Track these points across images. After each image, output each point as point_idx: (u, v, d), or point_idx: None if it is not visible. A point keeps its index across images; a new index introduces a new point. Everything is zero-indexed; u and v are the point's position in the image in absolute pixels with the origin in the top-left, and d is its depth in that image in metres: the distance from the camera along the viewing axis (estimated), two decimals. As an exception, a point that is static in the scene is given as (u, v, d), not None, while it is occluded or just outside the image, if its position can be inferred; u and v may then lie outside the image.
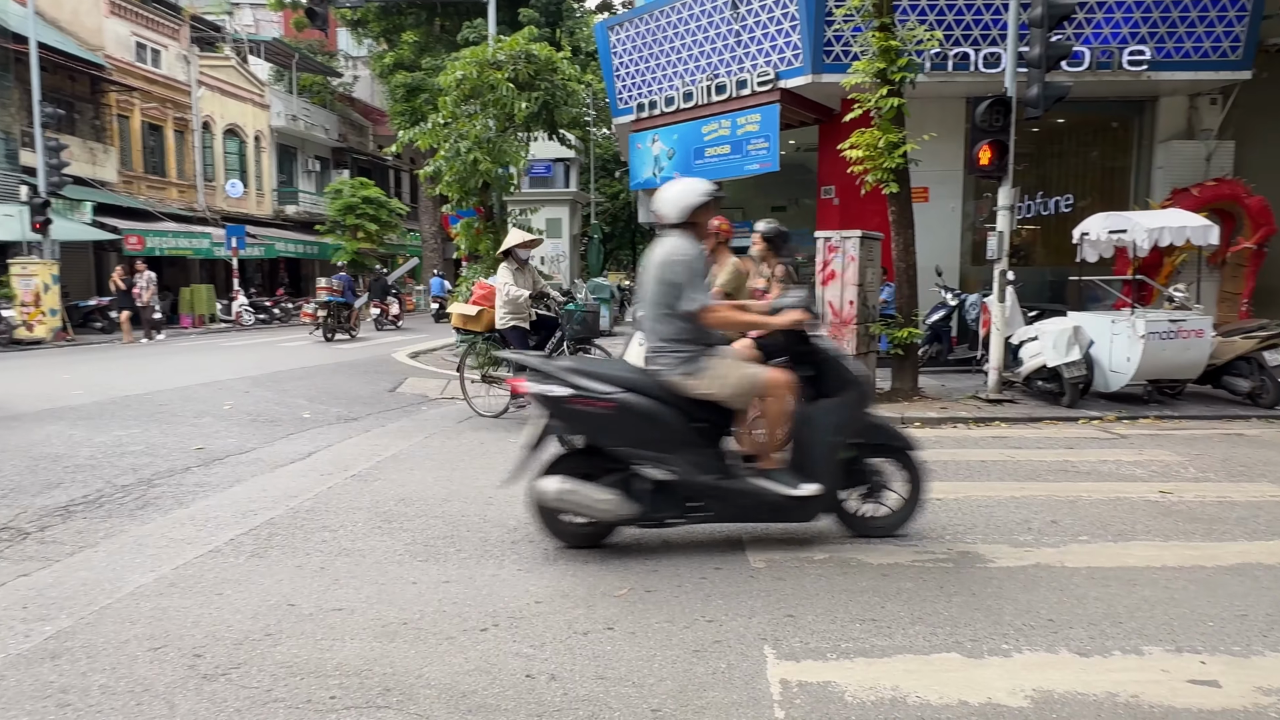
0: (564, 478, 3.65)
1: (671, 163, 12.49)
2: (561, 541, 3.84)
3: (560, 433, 3.79)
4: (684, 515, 3.76)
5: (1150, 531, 4.12)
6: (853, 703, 2.47)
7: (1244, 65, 10.48)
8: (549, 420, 3.73)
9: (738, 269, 5.73)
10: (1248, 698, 2.51)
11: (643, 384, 3.71)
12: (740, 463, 3.88)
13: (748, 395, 3.74)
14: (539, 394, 3.68)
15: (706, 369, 3.68)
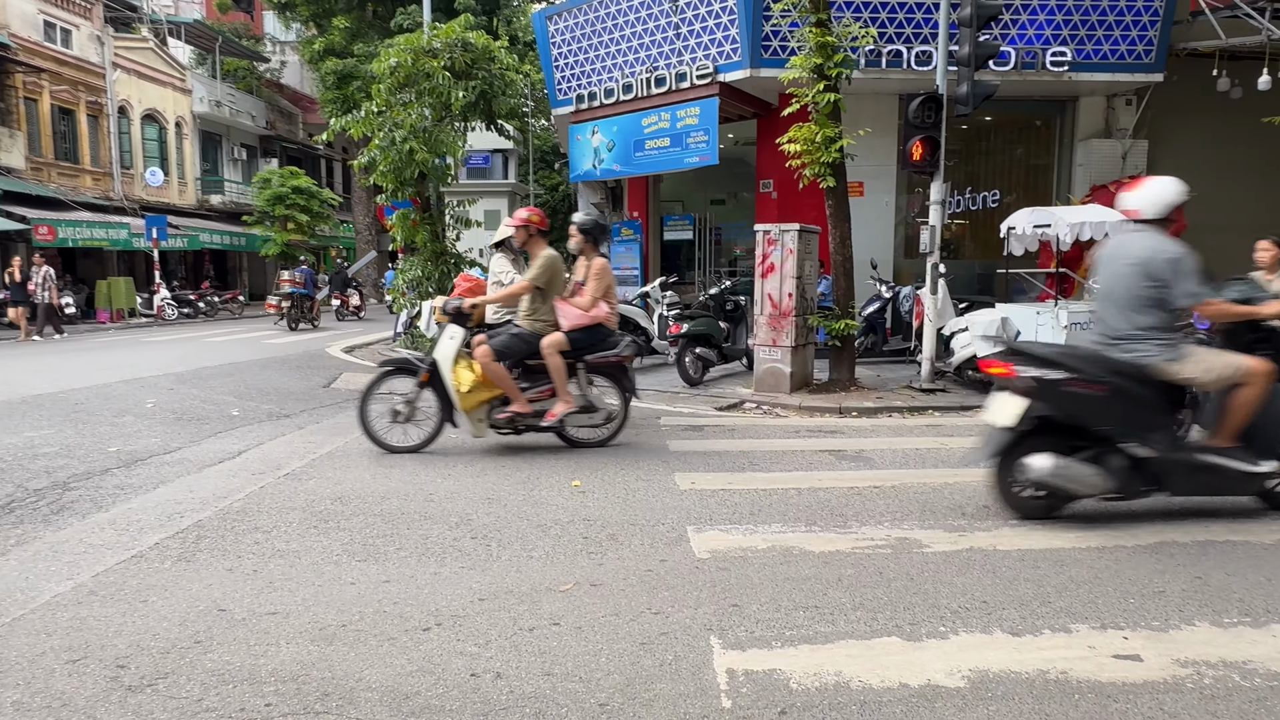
0: (1054, 456, 3.90)
1: (612, 155, 12.45)
2: (1017, 514, 4.13)
3: (1045, 414, 4.00)
4: (1148, 490, 4.04)
5: (1075, 515, 4.28)
6: (797, 689, 2.51)
7: (1156, 68, 10.99)
8: (1032, 401, 3.96)
9: (551, 261, 5.68)
10: (1167, 670, 2.63)
11: (1118, 367, 3.97)
12: (1193, 440, 4.26)
13: (1228, 381, 4.01)
14: (1035, 377, 3.93)
15: (1189, 356, 3.95)
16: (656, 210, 14.68)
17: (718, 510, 4.36)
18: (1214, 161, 12.22)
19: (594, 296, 5.70)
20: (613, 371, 5.85)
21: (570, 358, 5.66)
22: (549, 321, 5.71)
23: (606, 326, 5.81)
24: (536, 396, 5.71)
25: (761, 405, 7.87)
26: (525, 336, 5.65)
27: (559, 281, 5.80)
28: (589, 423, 5.86)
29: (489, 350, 5.46)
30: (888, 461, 5.54)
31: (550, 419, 5.63)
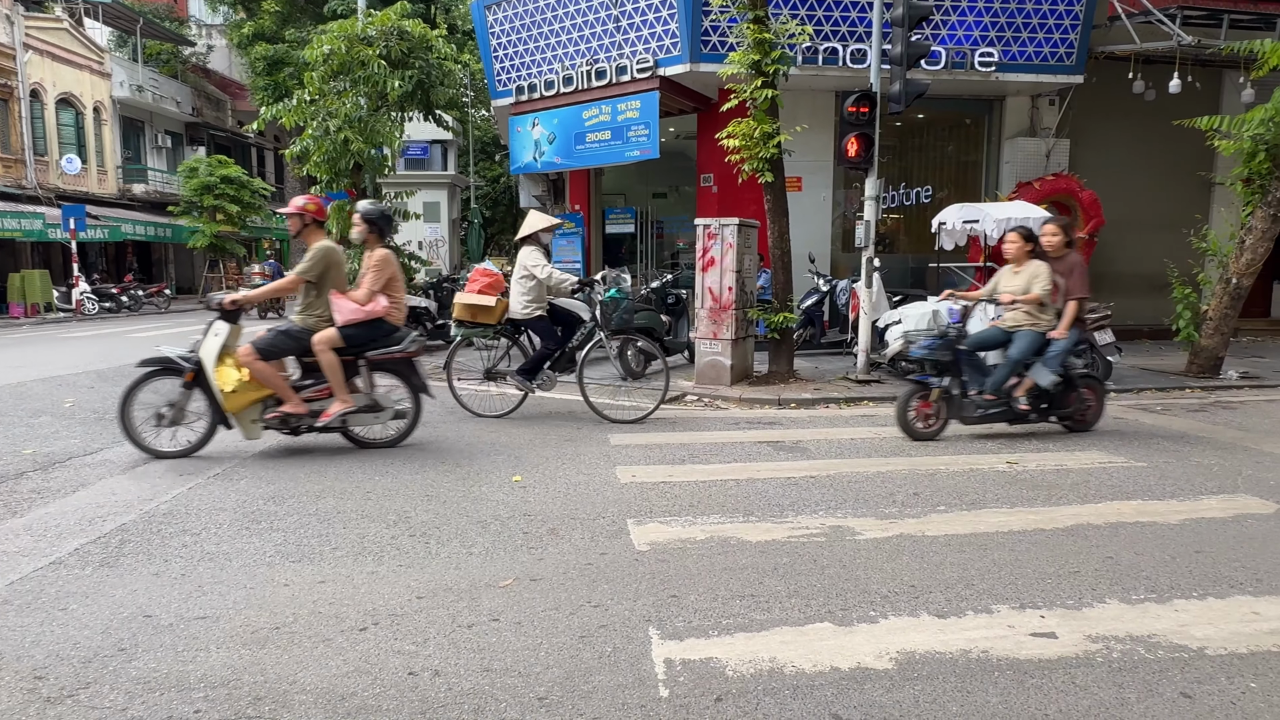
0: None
1: (552, 147, 12.38)
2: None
3: None
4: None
5: (999, 499, 4.48)
6: (733, 676, 2.57)
7: (1077, 70, 11.45)
8: None
9: (324, 253, 5.42)
10: (1080, 645, 2.78)
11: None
12: None
13: None
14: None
15: None
16: (598, 203, 14.65)
17: (658, 502, 4.41)
18: (1130, 160, 12.82)
19: (370, 290, 5.46)
20: (399, 369, 5.62)
21: (351, 354, 5.44)
22: (324, 317, 5.44)
23: (388, 322, 5.56)
24: (315, 395, 5.47)
25: (702, 398, 7.96)
26: (295, 333, 5.40)
27: (335, 274, 5.49)
28: (376, 422, 5.63)
29: (251, 349, 5.23)
30: (823, 452, 5.68)
31: (325, 419, 5.39)
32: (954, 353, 5.96)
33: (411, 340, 5.64)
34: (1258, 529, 4.01)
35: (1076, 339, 6.02)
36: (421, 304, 11.28)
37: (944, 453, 5.63)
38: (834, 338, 11.07)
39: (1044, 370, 5.87)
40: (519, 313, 6.80)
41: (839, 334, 11.00)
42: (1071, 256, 6.12)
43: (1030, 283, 5.88)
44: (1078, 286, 5.95)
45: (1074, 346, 6.02)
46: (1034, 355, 5.90)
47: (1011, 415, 6.01)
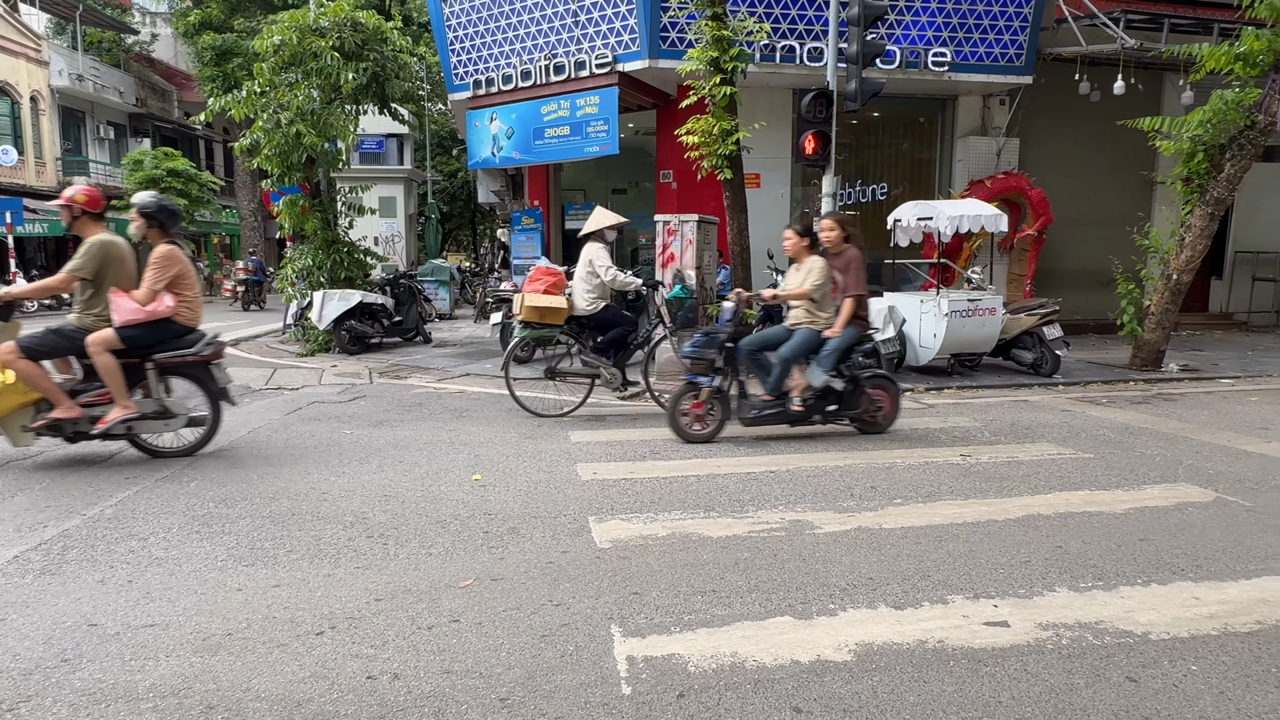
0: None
1: (511, 142, 12.27)
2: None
3: None
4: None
5: (953, 491, 4.58)
6: (695, 672, 2.58)
7: (1026, 71, 11.72)
8: None
9: (99, 248, 5.04)
10: (1031, 633, 2.86)
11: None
12: None
13: None
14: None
15: None
16: (558, 199, 14.57)
17: (619, 500, 4.41)
18: (1077, 159, 13.17)
19: (152, 289, 5.07)
20: (194, 373, 5.25)
21: (135, 357, 5.08)
22: (103, 316, 5.05)
23: (177, 323, 5.17)
24: (96, 400, 5.08)
25: (663, 394, 7.96)
26: (68, 332, 5.02)
27: (115, 271, 5.10)
28: (167, 429, 5.25)
29: (14, 347, 4.88)
30: (782, 446, 5.73)
31: (102, 425, 5.01)
32: (723, 351, 5.76)
33: (207, 343, 5.23)
34: (1197, 517, 4.15)
35: (855, 337, 5.80)
36: (378, 301, 11.10)
37: (900, 446, 5.73)
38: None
39: (816, 370, 5.71)
40: (584, 309, 6.70)
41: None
42: (849, 252, 5.85)
43: (805, 279, 5.77)
44: (854, 283, 5.73)
45: (851, 345, 5.82)
46: (810, 354, 5.76)
47: (789, 416, 5.83)
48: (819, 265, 5.76)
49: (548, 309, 6.59)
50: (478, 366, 9.48)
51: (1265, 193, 13.98)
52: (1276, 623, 2.94)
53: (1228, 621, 2.94)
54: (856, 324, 5.80)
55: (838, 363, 5.78)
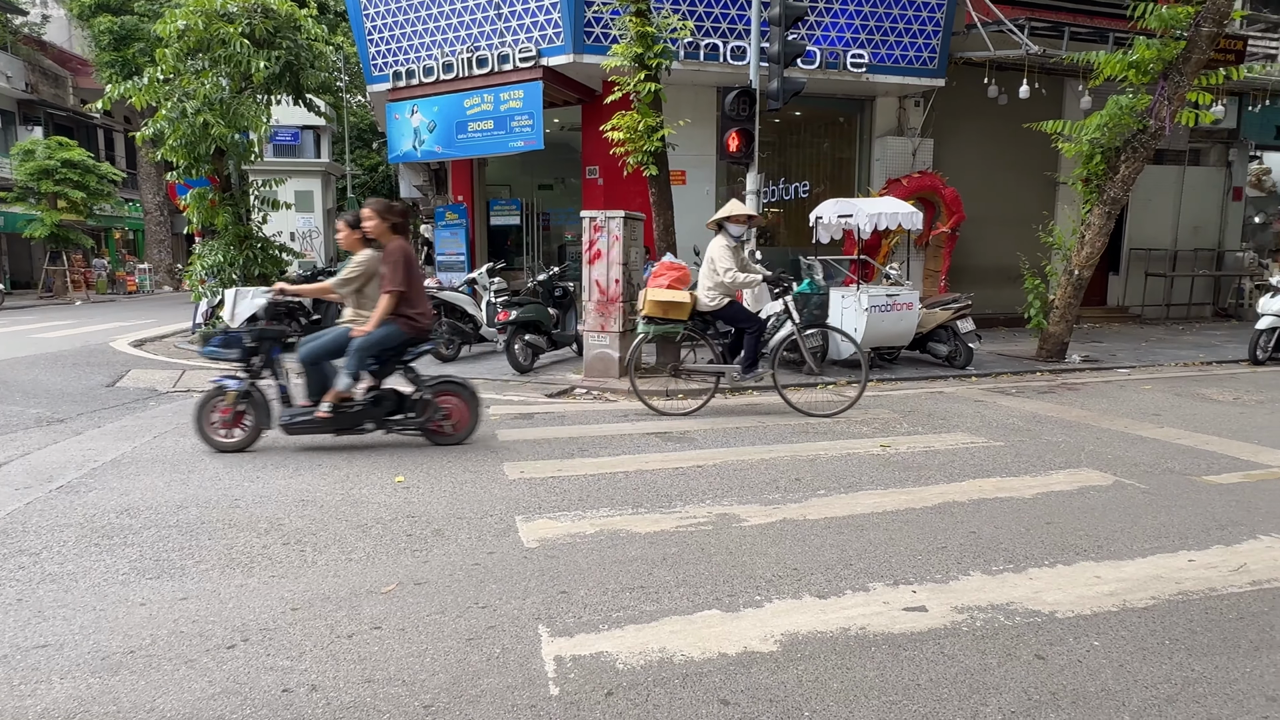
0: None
1: (433, 136, 12.01)
2: None
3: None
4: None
5: (874, 482, 4.70)
6: (624, 669, 2.57)
7: (939, 74, 12.15)
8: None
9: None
10: (947, 617, 2.96)
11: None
12: None
13: None
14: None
15: None
16: (482, 194, 14.34)
17: (547, 498, 4.37)
18: (987, 159, 13.73)
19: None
20: None
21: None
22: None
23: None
24: None
25: (591, 391, 7.95)
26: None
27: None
28: None
29: None
30: (710, 441, 5.79)
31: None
32: (252, 352, 5.29)
33: None
34: (1098, 499, 4.38)
35: (395, 337, 5.28)
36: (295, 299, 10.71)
37: (823, 438, 5.85)
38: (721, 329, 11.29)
39: (340, 374, 5.26)
40: (708, 305, 6.61)
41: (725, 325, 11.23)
42: (391, 244, 5.29)
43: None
44: (389, 278, 5.17)
45: (393, 346, 5.31)
46: (337, 355, 5.32)
47: (320, 424, 5.26)
48: (362, 258, 5.35)
49: (671, 303, 6.55)
50: (401, 365, 9.24)
51: (1156, 193, 14.88)
52: (1169, 597, 3.12)
53: (1126, 598, 3.11)
54: (401, 323, 5.26)
55: (361, 365, 5.24)
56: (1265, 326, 9.79)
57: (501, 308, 8.95)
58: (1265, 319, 9.81)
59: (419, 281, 5.43)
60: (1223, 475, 4.86)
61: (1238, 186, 15.64)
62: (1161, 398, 7.63)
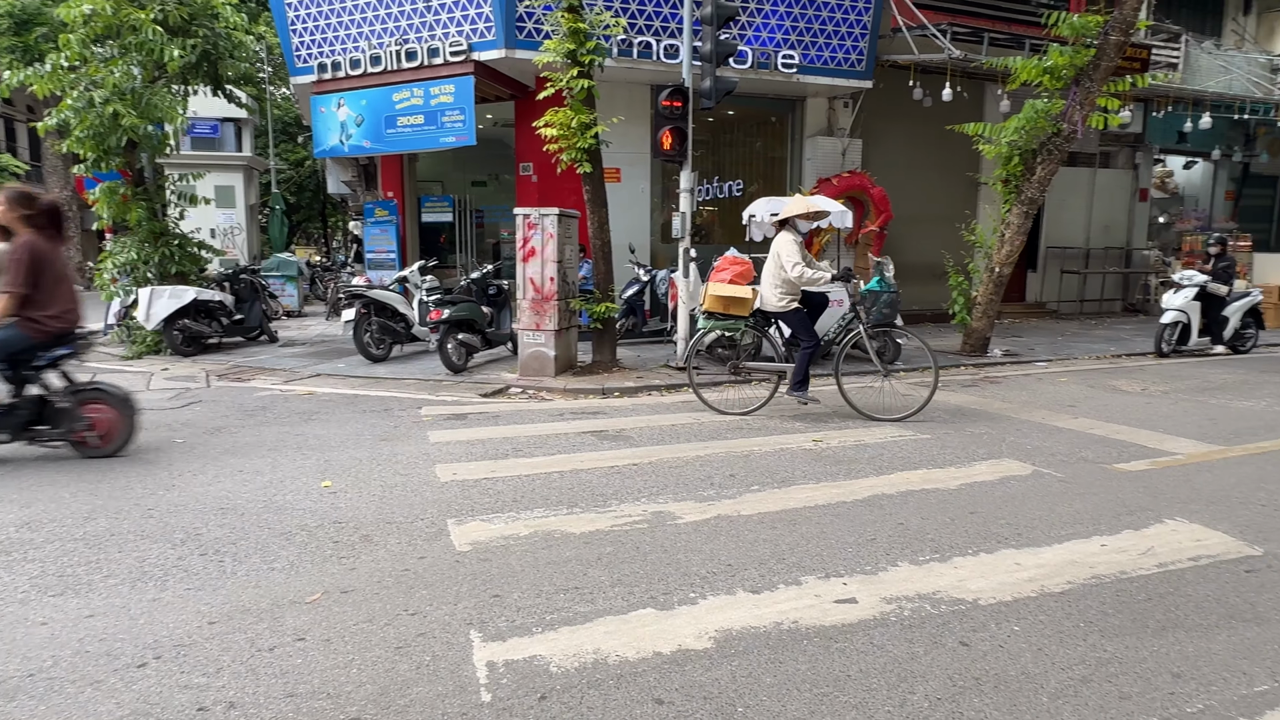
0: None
1: (361, 130, 11.68)
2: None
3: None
4: None
5: (806, 476, 4.78)
6: (557, 672, 2.54)
7: (866, 76, 12.43)
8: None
9: None
10: (877, 607, 3.02)
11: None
12: None
13: None
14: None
15: None
16: (413, 190, 14.02)
17: (480, 500, 4.29)
18: (913, 160, 14.12)
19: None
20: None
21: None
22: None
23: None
24: None
25: (527, 390, 7.87)
26: None
27: None
28: None
29: None
30: (646, 439, 5.79)
31: None
32: None
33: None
34: (1018, 488, 4.55)
35: (18, 343, 4.81)
36: (216, 298, 10.27)
37: (758, 434, 5.92)
38: (655, 326, 11.34)
39: None
40: (773, 305, 6.48)
41: (660, 322, 11.28)
42: (18, 240, 4.78)
43: None
44: (8, 279, 4.71)
45: (15, 353, 4.85)
46: None
47: None
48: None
49: (732, 299, 6.48)
50: (329, 366, 8.98)
51: (1070, 193, 15.55)
52: (1084, 582, 3.25)
53: (1044, 584, 3.23)
54: (24, 326, 4.79)
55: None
56: (1169, 321, 10.33)
57: (434, 306, 8.78)
58: (1169, 314, 10.36)
59: (56, 281, 4.87)
60: (1132, 463, 5.10)
61: (1144, 188, 16.47)
62: (1076, 389, 7.97)
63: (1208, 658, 2.66)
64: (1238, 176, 17.46)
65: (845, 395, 6.68)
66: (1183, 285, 10.46)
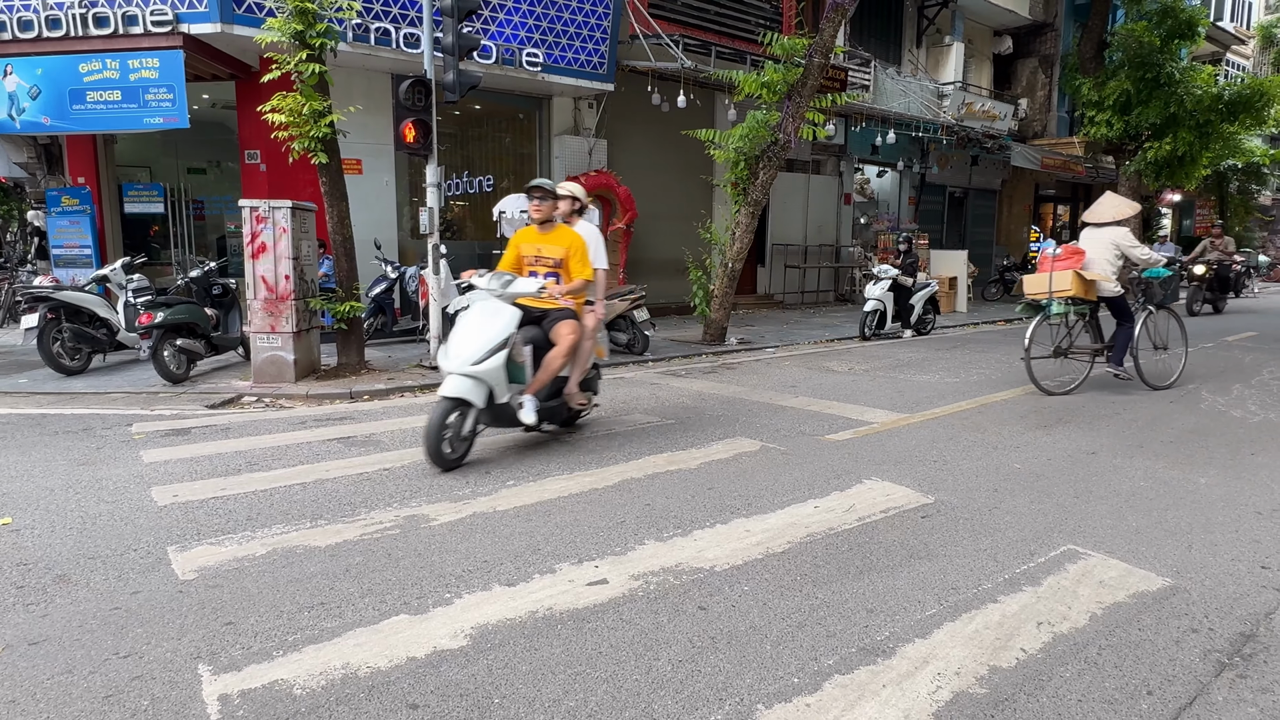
0: None
1: (38, 104, 9.95)
2: None
3: None
4: None
5: (561, 467, 4.91)
6: (302, 694, 2.41)
7: (608, 79, 12.92)
8: None
9: None
10: (626, 585, 3.20)
11: None
12: None
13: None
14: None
15: None
16: (112, 176, 12.21)
17: (208, 522, 3.90)
18: (654, 161, 14.94)
19: None
20: None
21: None
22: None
23: None
24: None
25: (263, 398, 7.24)
26: None
27: None
28: None
29: None
30: (398, 442, 5.59)
31: None
32: None
33: None
34: (749, 463, 5.04)
35: None
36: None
37: (516, 429, 5.96)
38: (407, 325, 10.95)
39: None
40: (1110, 290, 7.14)
41: (411, 321, 10.91)
42: None
43: None
44: None
45: None
46: None
47: None
48: None
49: (1091, 284, 7.09)
50: (7, 383, 7.58)
51: (789, 197, 17.36)
52: (800, 540, 3.70)
53: (769, 546, 3.63)
54: None
55: None
56: (870, 309, 11.96)
57: (144, 309, 7.74)
58: (870, 303, 11.99)
59: None
60: (839, 434, 5.86)
61: (847, 193, 18.85)
62: (798, 372, 8.96)
63: (893, 593, 3.16)
64: (917, 185, 20.57)
65: (1144, 379, 7.45)
66: (879, 278, 12.15)
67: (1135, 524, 3.96)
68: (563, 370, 5.32)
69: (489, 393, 4.87)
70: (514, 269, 5.58)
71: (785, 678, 2.54)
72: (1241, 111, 16.38)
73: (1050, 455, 5.26)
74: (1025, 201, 23.62)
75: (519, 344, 5.10)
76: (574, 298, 5.41)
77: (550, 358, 5.18)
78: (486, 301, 5.06)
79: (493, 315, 4.97)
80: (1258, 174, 23.18)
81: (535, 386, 5.15)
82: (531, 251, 5.56)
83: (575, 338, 5.26)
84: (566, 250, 5.45)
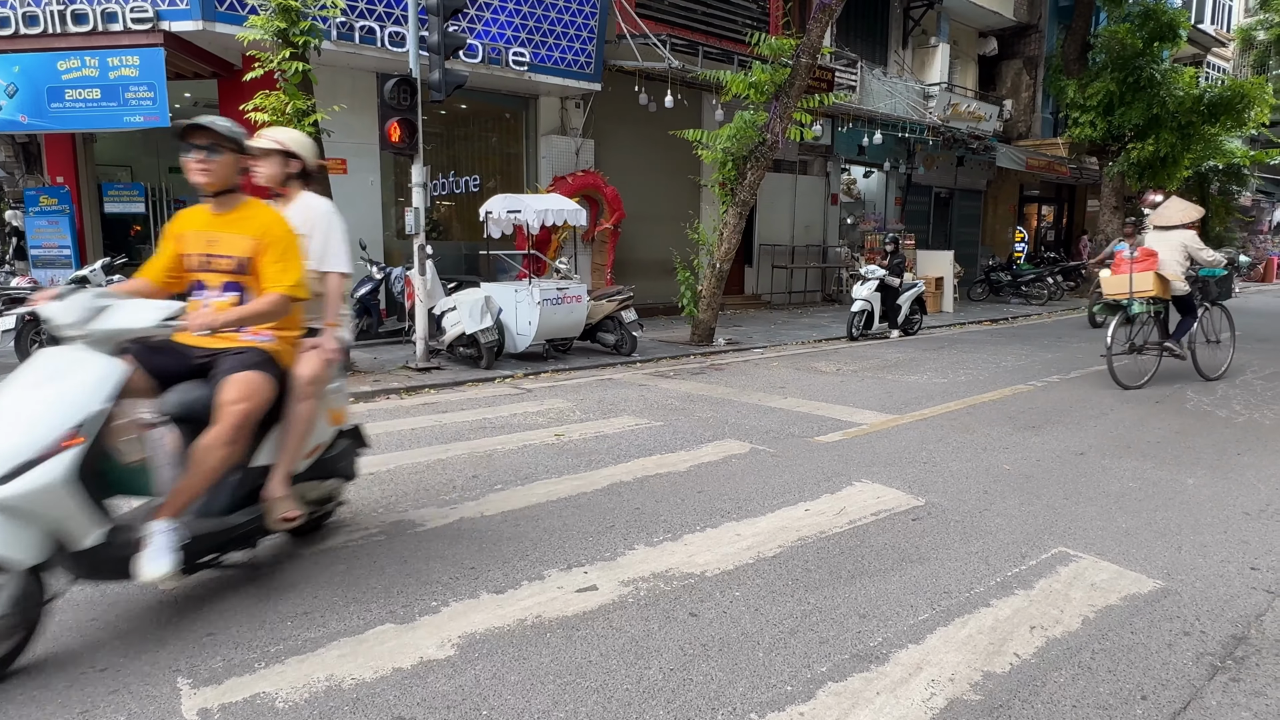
0: None
1: (15, 102, 9.79)
2: None
3: None
4: None
5: (549, 470, 4.86)
6: (284, 707, 2.35)
7: (595, 79, 12.87)
8: None
9: None
10: (615, 591, 3.16)
11: None
12: None
13: None
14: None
15: None
16: (91, 176, 12.03)
17: (188, 529, 3.82)
18: (642, 161, 14.89)
19: None
20: None
21: None
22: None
23: None
24: None
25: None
26: None
27: None
28: None
29: None
30: (384, 445, 5.52)
31: None
32: None
33: None
34: (739, 466, 5.01)
35: None
36: None
37: (500, 432, 5.90)
38: (392, 326, 10.85)
39: None
40: (1181, 289, 7.68)
41: (397, 322, 10.82)
42: None
43: None
44: None
45: None
46: None
47: None
48: None
49: (1168, 283, 7.62)
50: (-19, 386, 7.43)
51: (776, 197, 17.36)
52: (791, 544, 3.67)
53: (759, 550, 3.60)
54: None
55: None
56: (857, 309, 11.97)
57: (123, 311, 7.60)
58: (857, 303, 12.00)
59: None
60: (829, 435, 5.84)
61: (834, 193, 18.87)
62: (786, 372, 8.95)
63: (885, 597, 3.14)
64: (904, 185, 20.63)
65: (1195, 359, 8.04)
66: (866, 278, 12.16)
67: (1125, 525, 3.96)
68: (230, 464, 2.88)
69: (47, 536, 2.47)
70: (164, 280, 3.23)
71: (778, 686, 2.50)
72: (1222, 113, 16.55)
73: (1039, 456, 5.26)
74: (1010, 202, 23.75)
75: (140, 424, 2.86)
76: (269, 328, 3.18)
77: (201, 449, 2.78)
78: (60, 351, 2.67)
79: (56, 378, 2.57)
80: (1238, 175, 23.41)
81: (176, 504, 2.76)
82: (200, 247, 3.17)
83: (248, 407, 2.88)
84: (257, 242, 3.11)
